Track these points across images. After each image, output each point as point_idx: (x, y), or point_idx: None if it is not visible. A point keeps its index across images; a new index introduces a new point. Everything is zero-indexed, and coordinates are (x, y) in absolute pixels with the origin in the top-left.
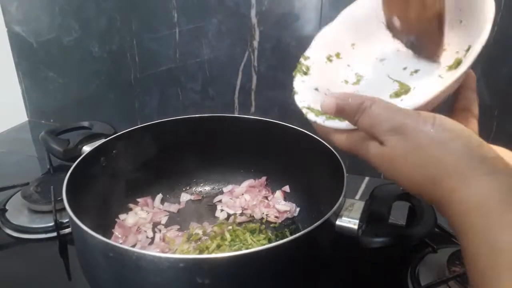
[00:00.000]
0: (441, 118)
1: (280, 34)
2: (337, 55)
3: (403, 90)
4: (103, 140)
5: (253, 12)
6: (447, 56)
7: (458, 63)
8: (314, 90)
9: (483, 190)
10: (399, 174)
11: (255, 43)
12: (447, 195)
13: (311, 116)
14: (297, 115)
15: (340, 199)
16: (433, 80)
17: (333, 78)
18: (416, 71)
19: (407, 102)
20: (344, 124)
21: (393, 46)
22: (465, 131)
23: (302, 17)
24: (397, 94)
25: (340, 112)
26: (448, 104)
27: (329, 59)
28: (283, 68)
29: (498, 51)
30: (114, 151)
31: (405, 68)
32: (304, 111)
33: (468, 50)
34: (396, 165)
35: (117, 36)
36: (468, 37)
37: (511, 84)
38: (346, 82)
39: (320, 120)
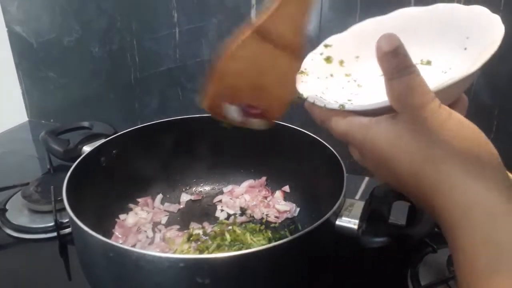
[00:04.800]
0: (456, 113)
1: None
2: (341, 62)
3: None
4: (103, 140)
5: (253, 12)
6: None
7: None
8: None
9: (490, 190)
10: (400, 153)
11: None
12: (448, 181)
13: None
14: (297, 115)
15: (340, 199)
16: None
17: (330, 82)
18: None
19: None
20: (370, 105)
21: None
22: (475, 128)
23: None
24: None
25: (393, 55)
26: None
27: (329, 60)
28: None
29: (498, 50)
30: (114, 151)
31: None
32: (306, 95)
33: None
34: (401, 141)
35: (117, 36)
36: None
37: (511, 84)
38: (343, 88)
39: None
